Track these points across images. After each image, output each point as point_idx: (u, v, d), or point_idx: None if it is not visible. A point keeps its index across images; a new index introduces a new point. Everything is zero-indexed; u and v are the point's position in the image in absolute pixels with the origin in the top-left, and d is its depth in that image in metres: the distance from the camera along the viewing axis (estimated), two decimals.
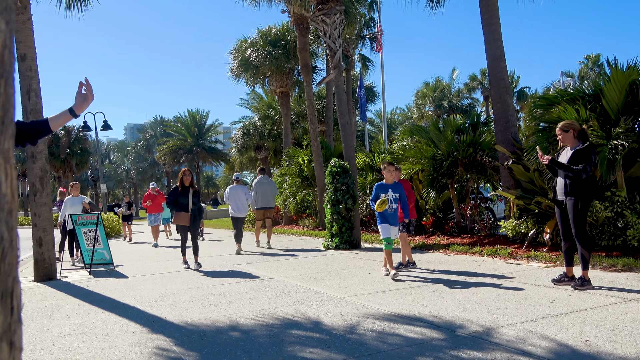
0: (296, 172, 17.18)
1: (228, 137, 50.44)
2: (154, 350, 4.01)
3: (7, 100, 0.81)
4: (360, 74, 24.87)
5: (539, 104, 8.71)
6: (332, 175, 10.79)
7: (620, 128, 7.17)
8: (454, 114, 32.52)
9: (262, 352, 3.77)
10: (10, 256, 0.82)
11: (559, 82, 27.12)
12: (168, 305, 5.71)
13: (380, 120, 39.51)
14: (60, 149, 41.61)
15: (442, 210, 11.94)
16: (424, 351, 3.58)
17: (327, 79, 13.93)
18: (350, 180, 10.75)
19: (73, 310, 5.77)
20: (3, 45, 0.80)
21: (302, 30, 16.27)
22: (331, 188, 10.76)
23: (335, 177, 10.75)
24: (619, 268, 6.29)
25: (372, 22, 24.65)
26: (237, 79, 22.54)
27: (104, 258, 9.62)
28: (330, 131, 20.92)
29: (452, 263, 7.82)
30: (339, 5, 11.46)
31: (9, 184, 0.82)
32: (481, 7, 10.06)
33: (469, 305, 4.90)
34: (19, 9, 8.48)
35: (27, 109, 8.40)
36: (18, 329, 0.84)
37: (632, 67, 7.41)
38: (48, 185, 8.56)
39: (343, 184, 10.65)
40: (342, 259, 9.09)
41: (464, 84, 42.67)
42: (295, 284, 6.65)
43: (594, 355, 3.29)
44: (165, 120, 57.84)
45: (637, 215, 7.04)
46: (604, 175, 6.93)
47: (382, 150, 14.80)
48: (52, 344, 4.34)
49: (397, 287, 6.06)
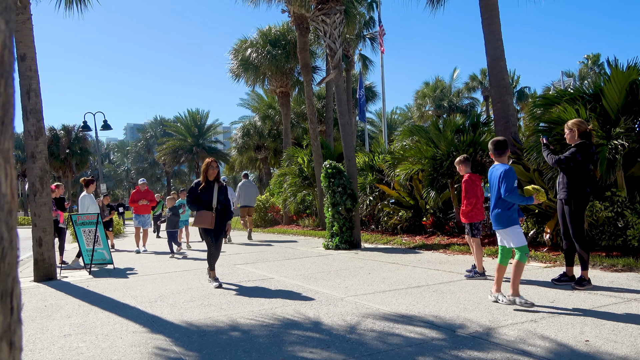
0: (296, 172, 17.18)
1: (228, 137, 50.49)
2: (154, 350, 4.01)
3: (7, 100, 0.81)
4: (360, 74, 24.87)
5: (539, 104, 8.72)
6: (327, 178, 10.82)
7: (620, 128, 7.17)
8: (454, 114, 32.56)
9: (262, 352, 3.77)
10: (10, 256, 0.82)
11: (559, 82, 27.13)
12: (168, 305, 5.71)
13: (380, 120, 39.52)
14: (60, 149, 41.61)
15: (442, 210, 11.94)
16: (424, 351, 3.58)
17: (327, 79, 13.93)
18: (346, 180, 10.76)
19: (73, 310, 5.77)
20: (3, 45, 0.80)
21: (302, 30, 16.27)
22: (329, 191, 10.78)
23: (331, 179, 10.78)
24: (619, 268, 6.29)
25: (372, 22, 24.67)
26: (237, 79, 22.57)
27: (103, 258, 9.62)
28: (330, 131, 20.93)
29: (452, 263, 7.82)
30: (339, 5, 11.46)
31: (9, 184, 0.82)
32: (481, 7, 10.06)
33: (469, 305, 4.90)
34: (19, 9, 8.48)
35: (27, 109, 8.40)
36: (18, 329, 0.84)
37: (632, 67, 7.42)
38: (48, 185, 8.56)
39: (339, 185, 10.67)
40: (342, 259, 9.09)
41: (464, 83, 42.68)
42: (295, 284, 6.64)
43: (594, 355, 3.29)
44: (165, 120, 57.88)
45: (637, 215, 7.04)
46: (604, 175, 6.93)
47: (382, 150, 14.80)
48: (52, 344, 4.34)
49: (397, 287, 6.06)
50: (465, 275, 6.50)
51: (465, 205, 6.52)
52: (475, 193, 6.50)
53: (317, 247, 11.32)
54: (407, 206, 12.34)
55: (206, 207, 6.91)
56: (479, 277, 6.35)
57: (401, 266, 7.75)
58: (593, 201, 7.18)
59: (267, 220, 20.32)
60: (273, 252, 10.86)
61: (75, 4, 11.24)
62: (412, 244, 10.47)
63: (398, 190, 12.46)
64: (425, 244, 10.17)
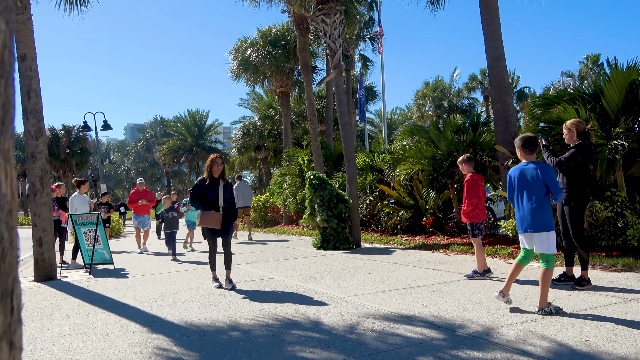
0: (296, 172, 17.18)
1: (228, 137, 50.51)
2: (154, 350, 4.01)
3: (7, 100, 0.81)
4: (360, 74, 24.89)
5: (539, 104, 8.72)
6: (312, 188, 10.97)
7: (620, 128, 7.17)
8: (454, 114, 32.53)
9: (262, 352, 3.77)
10: (10, 256, 0.82)
11: (559, 82, 27.11)
12: (168, 305, 5.71)
13: (380, 120, 39.52)
14: (60, 149, 41.61)
15: (442, 210, 11.94)
16: (424, 351, 3.58)
17: (327, 79, 13.93)
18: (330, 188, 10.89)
19: (73, 310, 5.77)
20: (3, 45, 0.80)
21: (302, 30, 16.28)
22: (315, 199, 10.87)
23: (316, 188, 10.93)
24: (619, 268, 6.29)
25: (372, 22, 24.67)
26: (237, 79, 22.57)
27: (104, 258, 9.62)
28: (330, 131, 20.93)
29: (452, 263, 7.82)
30: (339, 5, 11.46)
31: (9, 184, 0.82)
32: (481, 7, 10.06)
33: (469, 305, 4.90)
34: (19, 9, 8.48)
35: (27, 109, 8.41)
36: (18, 329, 0.84)
37: (632, 67, 7.42)
38: (48, 185, 8.56)
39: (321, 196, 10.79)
40: (342, 259, 9.09)
41: (464, 84, 42.69)
42: (295, 284, 6.65)
43: (594, 355, 3.29)
44: (165, 120, 57.90)
45: (637, 215, 7.04)
46: (604, 175, 6.93)
47: (382, 150, 14.80)
48: (52, 344, 4.34)
49: (397, 287, 6.06)
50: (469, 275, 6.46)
51: (467, 205, 6.49)
52: (477, 193, 6.45)
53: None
54: (407, 206, 12.34)
55: (212, 205, 6.64)
56: (479, 277, 6.34)
57: (401, 266, 7.75)
58: (593, 201, 7.17)
59: (267, 220, 20.32)
60: (273, 252, 10.86)
61: (75, 4, 11.24)
62: (412, 244, 10.47)
63: (398, 190, 12.46)
64: (425, 244, 10.17)
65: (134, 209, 12.82)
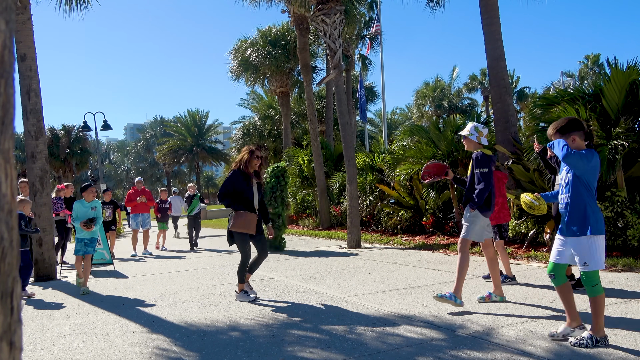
0: (296, 172, 17.19)
1: (228, 137, 50.50)
2: (154, 350, 4.01)
3: (7, 100, 0.81)
4: (360, 74, 24.88)
5: (539, 104, 8.71)
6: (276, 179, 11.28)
7: (620, 128, 7.17)
8: (454, 114, 32.46)
9: (262, 352, 3.77)
10: (10, 256, 0.82)
11: (559, 82, 27.10)
12: (168, 305, 5.71)
13: (380, 120, 39.50)
14: (60, 149, 41.58)
15: (442, 210, 11.94)
16: (424, 351, 3.58)
17: (327, 79, 13.93)
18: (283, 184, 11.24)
19: (73, 310, 5.77)
20: (3, 45, 0.80)
21: (302, 30, 16.27)
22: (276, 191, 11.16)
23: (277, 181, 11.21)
24: (619, 268, 6.29)
25: (372, 22, 24.66)
26: (237, 79, 22.58)
27: (104, 258, 9.62)
28: (330, 131, 20.93)
29: (452, 263, 7.81)
30: (339, 5, 11.46)
31: (9, 184, 0.82)
32: (481, 7, 10.06)
33: (469, 305, 4.90)
34: (19, 9, 8.48)
35: (27, 109, 8.41)
36: (18, 329, 0.84)
37: (632, 67, 7.42)
38: (48, 185, 8.56)
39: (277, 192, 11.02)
40: (342, 259, 9.08)
41: (464, 84, 42.66)
42: (295, 284, 6.64)
43: (594, 355, 3.29)
44: (165, 120, 57.91)
45: (637, 215, 7.04)
46: (604, 175, 6.93)
47: (382, 150, 14.80)
48: (52, 344, 4.34)
49: (397, 287, 6.06)
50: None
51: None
52: (501, 192, 5.92)
53: (317, 247, 11.32)
54: (407, 206, 12.34)
55: (247, 206, 5.62)
56: (510, 282, 5.85)
57: (401, 266, 7.75)
58: None
59: None
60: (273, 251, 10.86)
61: (75, 4, 11.24)
62: (412, 244, 10.46)
63: (398, 190, 12.46)
64: (425, 244, 10.16)
65: (133, 207, 12.06)
